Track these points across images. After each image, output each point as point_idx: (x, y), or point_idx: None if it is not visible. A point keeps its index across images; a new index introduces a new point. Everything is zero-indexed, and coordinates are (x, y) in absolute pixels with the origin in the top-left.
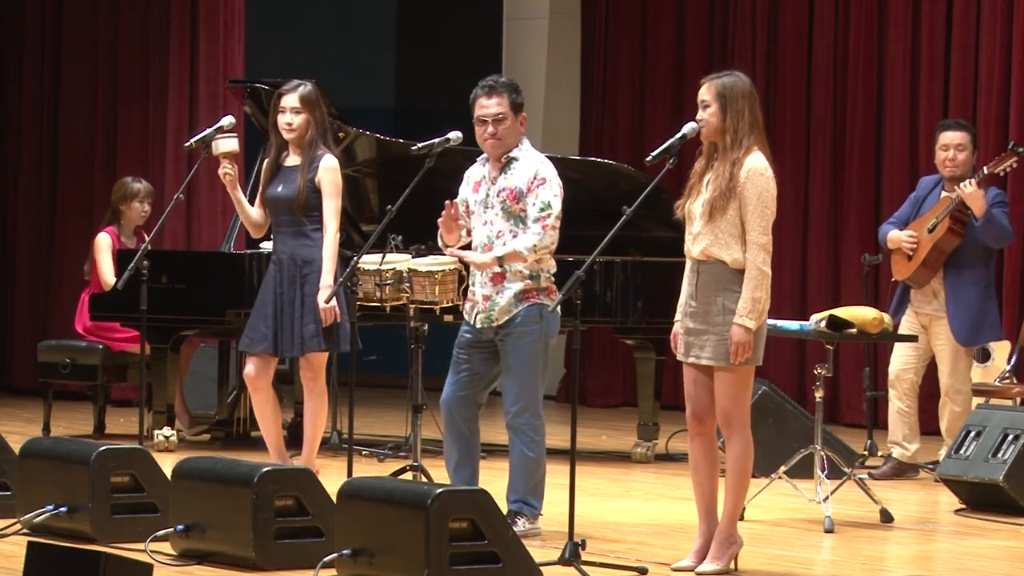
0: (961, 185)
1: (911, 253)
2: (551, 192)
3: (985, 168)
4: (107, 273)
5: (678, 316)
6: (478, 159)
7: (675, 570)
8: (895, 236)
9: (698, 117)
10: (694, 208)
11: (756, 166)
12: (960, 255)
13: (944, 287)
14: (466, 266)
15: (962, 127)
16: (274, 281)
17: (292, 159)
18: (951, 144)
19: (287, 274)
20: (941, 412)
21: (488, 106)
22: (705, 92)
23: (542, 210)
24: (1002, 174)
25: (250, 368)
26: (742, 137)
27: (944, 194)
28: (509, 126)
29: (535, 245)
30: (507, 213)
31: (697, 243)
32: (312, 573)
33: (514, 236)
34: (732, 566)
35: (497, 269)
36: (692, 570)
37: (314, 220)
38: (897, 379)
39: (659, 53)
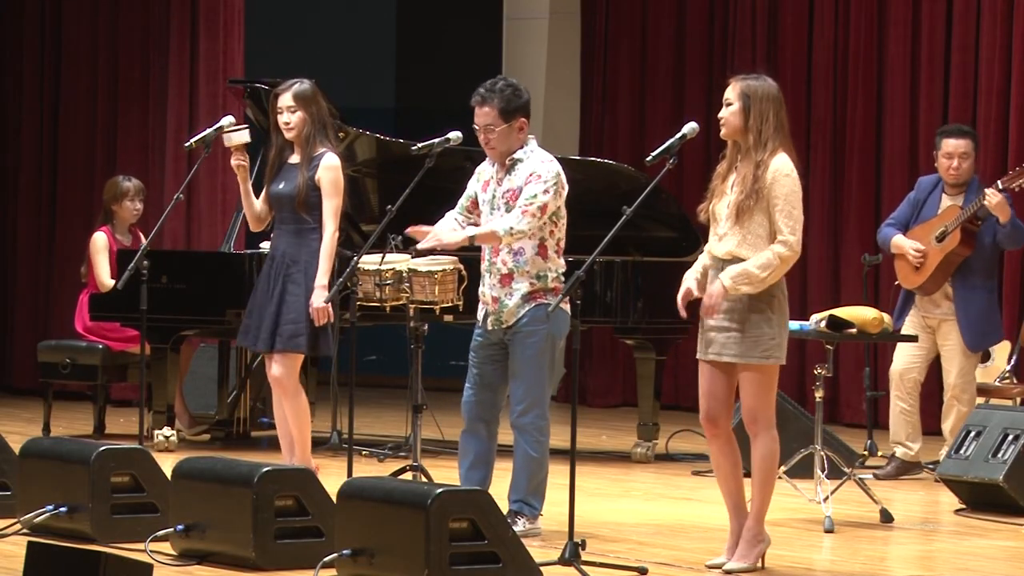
0: (987, 192)
1: (918, 265)
2: (540, 187)
3: (1000, 183)
4: (103, 275)
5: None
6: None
7: (709, 567)
8: (899, 243)
9: (720, 115)
10: (719, 209)
11: (781, 167)
12: (968, 262)
13: (953, 294)
14: (467, 266)
15: (964, 133)
16: (265, 277)
17: (294, 157)
18: (955, 153)
19: (275, 271)
20: (946, 413)
21: (478, 115)
22: (730, 91)
23: (526, 199)
24: (1018, 190)
25: (275, 369)
26: (767, 139)
27: (950, 202)
28: (500, 134)
29: (511, 227)
30: None
31: (724, 244)
32: (312, 573)
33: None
34: (759, 564)
35: (504, 271)
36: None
37: (315, 219)
38: (900, 378)
39: (659, 53)
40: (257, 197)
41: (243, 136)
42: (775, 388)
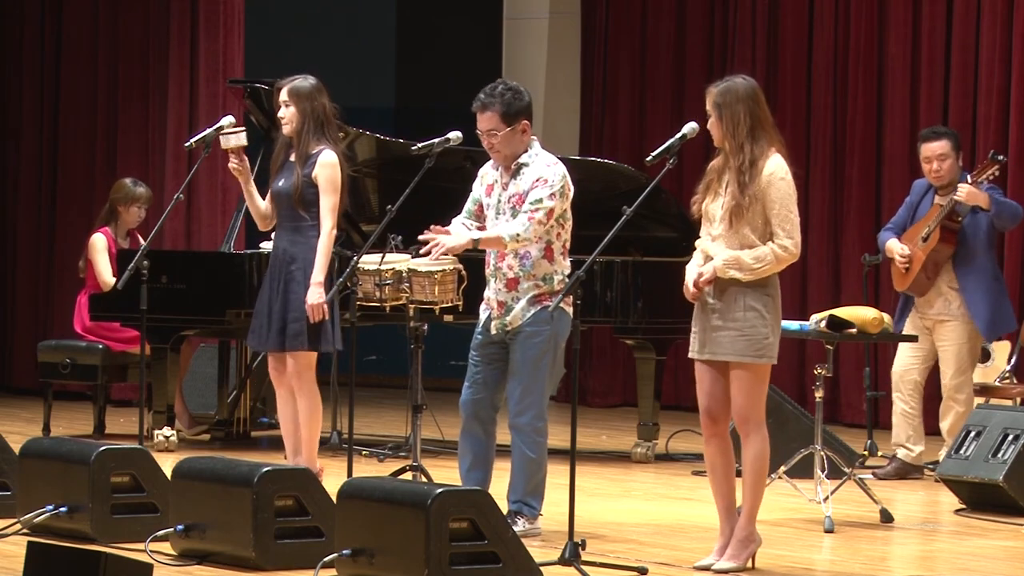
0: (959, 188)
1: (904, 269)
2: (546, 191)
3: (969, 177)
4: (105, 274)
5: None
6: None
7: (697, 568)
8: (889, 247)
9: (708, 125)
10: (712, 208)
11: (776, 170)
12: (964, 251)
13: (957, 285)
14: (466, 266)
15: (941, 135)
16: (268, 276)
17: (295, 154)
18: (932, 156)
19: (276, 270)
20: (943, 413)
21: (480, 121)
22: (708, 102)
23: (532, 203)
24: (986, 183)
25: (272, 368)
26: (741, 141)
27: (936, 201)
28: (503, 138)
29: (517, 234)
30: None
31: (718, 244)
32: (312, 573)
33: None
34: (750, 565)
35: (511, 275)
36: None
37: (313, 216)
38: (901, 380)
39: (659, 53)
40: (263, 196)
41: (240, 139)
42: (766, 387)
